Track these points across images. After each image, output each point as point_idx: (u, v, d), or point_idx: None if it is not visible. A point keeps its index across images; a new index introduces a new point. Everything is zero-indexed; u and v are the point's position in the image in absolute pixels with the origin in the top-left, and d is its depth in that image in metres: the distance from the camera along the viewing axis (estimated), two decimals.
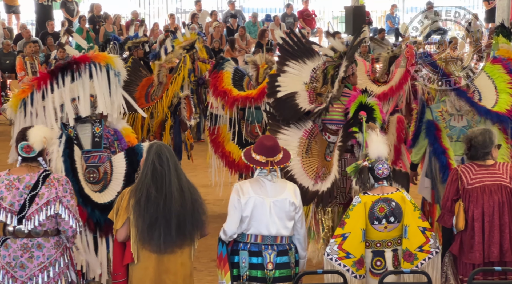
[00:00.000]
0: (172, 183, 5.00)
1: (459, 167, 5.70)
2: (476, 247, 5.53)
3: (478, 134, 5.64)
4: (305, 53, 7.04)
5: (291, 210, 5.44)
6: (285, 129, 6.81)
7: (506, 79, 6.72)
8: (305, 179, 6.58)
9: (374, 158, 5.58)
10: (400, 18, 23.37)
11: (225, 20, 20.87)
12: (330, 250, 5.48)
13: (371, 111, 6.55)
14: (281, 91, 6.90)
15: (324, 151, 6.84)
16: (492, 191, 5.55)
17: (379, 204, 5.46)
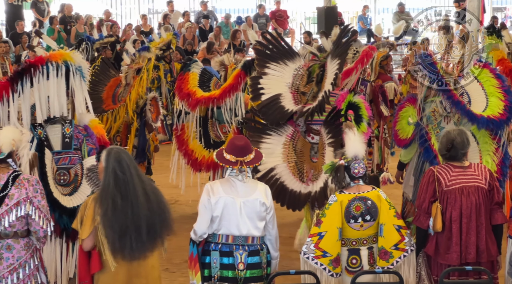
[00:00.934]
0: (137, 189, 4.90)
1: (435, 168, 5.70)
2: (453, 249, 5.55)
3: (457, 135, 5.64)
4: (285, 54, 7.04)
5: (262, 210, 5.44)
6: (267, 138, 6.81)
7: (494, 83, 6.76)
8: (295, 183, 6.59)
9: (351, 157, 5.58)
10: (372, 19, 23.47)
11: (197, 20, 20.82)
12: (307, 249, 5.47)
13: (358, 109, 6.58)
14: (265, 94, 6.88)
15: (309, 153, 6.85)
16: (470, 192, 5.57)
17: (355, 203, 5.46)
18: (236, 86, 8.40)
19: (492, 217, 5.62)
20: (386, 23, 24.40)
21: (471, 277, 5.57)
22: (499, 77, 6.83)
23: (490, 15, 21.60)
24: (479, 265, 5.53)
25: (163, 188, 10.52)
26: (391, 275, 5.43)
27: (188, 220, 9.05)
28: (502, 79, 6.83)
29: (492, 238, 5.61)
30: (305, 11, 24.69)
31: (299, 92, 6.92)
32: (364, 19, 22.21)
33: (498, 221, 5.63)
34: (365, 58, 7.41)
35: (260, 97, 6.88)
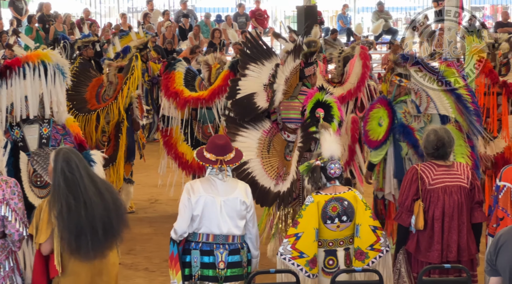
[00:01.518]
0: (88, 188, 4.86)
1: (418, 166, 5.70)
2: (435, 247, 5.57)
3: (444, 133, 5.64)
4: (262, 54, 7.05)
5: (242, 209, 5.44)
6: (243, 131, 6.81)
7: (461, 83, 6.79)
8: (266, 180, 6.59)
9: (327, 157, 5.58)
10: (352, 18, 23.54)
11: (177, 19, 20.78)
12: (284, 249, 5.47)
13: (329, 108, 6.58)
14: (241, 94, 6.90)
15: (284, 151, 6.86)
16: (453, 191, 5.57)
17: (331, 203, 5.47)
18: (225, 88, 8.38)
19: (472, 215, 5.64)
20: (366, 22, 24.50)
21: (451, 275, 5.60)
22: (463, 77, 6.86)
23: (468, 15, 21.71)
24: (459, 264, 5.55)
25: (143, 187, 10.67)
26: (367, 274, 5.45)
27: (168, 219, 9.05)
28: (465, 78, 6.85)
29: (472, 236, 5.64)
30: (284, 10, 24.74)
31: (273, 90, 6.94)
32: (344, 18, 22.27)
33: (478, 219, 5.66)
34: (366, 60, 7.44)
35: (234, 97, 6.92)
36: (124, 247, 7.85)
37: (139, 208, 9.76)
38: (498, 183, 5.51)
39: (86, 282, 4.99)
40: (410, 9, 26.06)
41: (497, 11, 23.88)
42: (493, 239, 4.13)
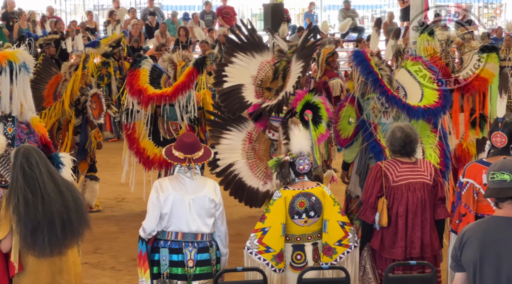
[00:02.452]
0: (47, 185, 4.84)
1: (382, 163, 5.74)
2: (398, 243, 5.61)
3: (409, 130, 5.69)
4: (254, 46, 7.03)
5: (211, 207, 5.45)
6: (227, 133, 6.81)
7: (427, 74, 6.82)
8: (254, 180, 6.60)
9: (296, 153, 5.60)
10: (318, 15, 23.60)
11: (143, 17, 20.68)
12: (250, 244, 5.47)
13: (317, 109, 6.60)
14: (228, 82, 6.87)
15: (269, 150, 6.86)
16: (416, 188, 5.62)
17: (299, 199, 5.48)
18: (189, 84, 8.39)
19: (435, 212, 5.70)
20: (332, 20, 24.58)
21: (415, 271, 5.65)
22: (432, 68, 6.89)
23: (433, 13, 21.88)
24: (423, 260, 5.60)
25: (110, 186, 10.62)
26: (336, 271, 5.48)
27: (135, 217, 9.04)
28: (434, 70, 6.87)
29: (435, 232, 5.69)
30: (251, 7, 24.72)
31: (263, 87, 6.94)
32: (310, 16, 22.32)
33: (441, 216, 5.72)
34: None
35: (222, 84, 6.87)
36: (91, 246, 7.83)
37: (105, 207, 9.71)
38: (461, 180, 5.57)
39: (47, 281, 4.95)
40: (376, 7, 26.20)
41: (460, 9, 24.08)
42: (458, 235, 4.18)
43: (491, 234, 3.99)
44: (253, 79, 6.88)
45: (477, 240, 4.00)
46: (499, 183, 3.96)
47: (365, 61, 6.57)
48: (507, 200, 3.97)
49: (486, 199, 5.40)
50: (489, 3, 25.71)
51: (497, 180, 3.97)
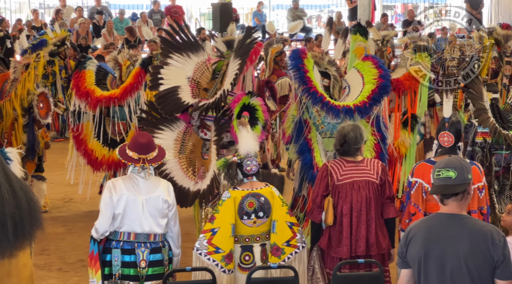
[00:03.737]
0: (1, 185, 4.78)
1: (328, 163, 5.77)
2: (344, 242, 5.64)
3: (350, 131, 5.72)
4: (190, 47, 7.01)
5: (164, 208, 5.44)
6: (159, 132, 6.76)
7: (374, 73, 6.86)
8: (185, 180, 6.56)
9: (243, 154, 5.61)
10: (267, 15, 23.65)
11: (91, 16, 20.48)
12: (200, 244, 5.47)
13: (254, 111, 6.61)
14: (164, 84, 6.84)
15: (201, 150, 6.84)
16: (361, 187, 5.66)
17: (248, 199, 5.49)
18: (137, 85, 8.35)
19: (384, 211, 5.74)
20: (281, 19, 24.67)
21: (362, 270, 5.68)
22: (381, 67, 6.92)
23: (380, 13, 22.12)
24: (369, 258, 5.65)
25: (57, 186, 10.49)
26: (284, 271, 5.49)
27: (82, 218, 8.95)
28: (383, 68, 6.88)
29: (383, 231, 5.73)
30: (200, 7, 24.67)
31: (199, 87, 6.92)
32: (259, 15, 22.36)
33: (390, 215, 5.75)
34: (253, 55, 7.47)
35: (158, 87, 6.84)
36: (37, 247, 7.71)
37: (52, 207, 9.59)
38: (410, 179, 5.62)
39: None
40: (324, 6, 26.36)
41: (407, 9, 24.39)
42: (404, 232, 4.23)
43: (435, 231, 4.03)
44: (189, 80, 6.88)
45: (422, 236, 4.04)
46: (444, 180, 4.00)
47: (298, 58, 6.59)
48: (452, 196, 4.01)
49: (434, 198, 5.45)
50: (434, 3, 26.06)
51: (442, 177, 4.01)
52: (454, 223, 4.01)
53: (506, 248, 3.93)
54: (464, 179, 4.00)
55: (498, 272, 3.90)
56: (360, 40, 8.11)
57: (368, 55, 7.17)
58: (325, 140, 6.69)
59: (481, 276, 3.91)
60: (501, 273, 3.90)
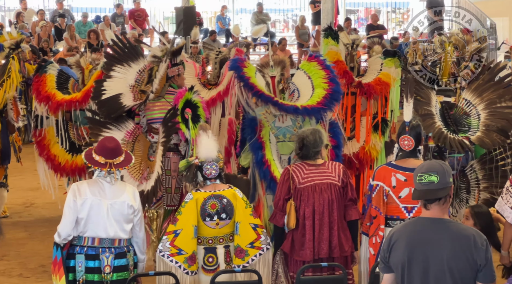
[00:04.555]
0: None
1: (290, 167, 5.78)
2: (307, 245, 5.65)
3: (309, 134, 5.75)
4: (129, 56, 7.09)
5: (129, 213, 5.40)
6: (106, 132, 6.77)
7: (321, 75, 6.88)
8: (130, 180, 6.56)
9: (203, 158, 5.61)
10: (231, 19, 23.65)
11: (52, 19, 20.31)
12: (162, 246, 5.46)
13: (196, 108, 6.63)
14: (106, 94, 6.89)
15: (147, 151, 6.87)
16: (322, 189, 5.68)
17: (210, 201, 5.49)
18: None
19: (346, 213, 5.76)
20: (245, 23, 24.68)
21: (325, 273, 5.70)
22: (327, 68, 6.95)
23: (344, 17, 22.25)
24: (332, 260, 5.66)
25: (18, 191, 10.39)
26: (248, 273, 5.49)
27: (44, 223, 8.87)
28: (330, 69, 6.93)
29: (346, 234, 5.75)
30: (163, 10, 24.60)
31: (140, 92, 6.98)
32: (223, 19, 22.35)
33: (352, 217, 5.78)
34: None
35: (100, 98, 6.93)
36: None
37: (13, 212, 9.50)
38: (371, 182, 5.65)
39: None
40: (288, 11, 26.44)
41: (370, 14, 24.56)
42: (386, 236, 4.23)
43: (418, 235, 4.05)
44: (131, 88, 6.98)
45: (405, 241, 4.05)
46: (427, 185, 4.01)
47: (237, 67, 6.64)
48: (435, 201, 4.04)
49: (395, 201, 5.51)
50: (397, 8, 26.28)
51: (425, 181, 4.01)
52: (437, 227, 4.02)
53: (488, 252, 3.97)
54: (446, 183, 4.02)
55: (481, 275, 3.93)
56: (332, 44, 8.15)
57: (312, 54, 7.21)
58: (280, 144, 6.72)
59: (464, 280, 3.94)
60: (483, 277, 3.93)
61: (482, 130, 6.69)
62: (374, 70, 8.37)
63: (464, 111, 6.99)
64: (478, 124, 6.81)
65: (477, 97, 6.97)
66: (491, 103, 6.89)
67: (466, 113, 7.01)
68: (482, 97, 6.95)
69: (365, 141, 8.18)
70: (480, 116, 6.86)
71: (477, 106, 6.94)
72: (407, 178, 5.48)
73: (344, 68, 7.98)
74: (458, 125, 6.79)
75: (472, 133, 6.73)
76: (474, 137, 6.60)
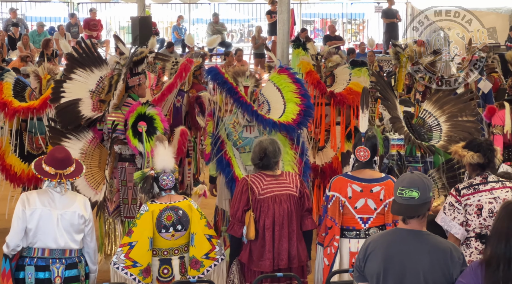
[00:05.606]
0: None
1: (248, 177, 5.79)
2: (266, 256, 5.65)
3: (269, 144, 5.76)
4: (93, 62, 7.02)
5: (80, 223, 5.36)
6: (65, 141, 6.74)
7: (292, 88, 6.89)
8: (87, 190, 6.52)
9: (160, 169, 5.58)
10: (187, 29, 23.62)
11: (6, 28, 20.09)
12: (117, 259, 5.41)
13: (152, 121, 6.60)
14: (65, 97, 6.82)
15: (106, 161, 6.81)
16: (282, 200, 5.69)
17: (166, 212, 5.46)
18: None
19: (302, 223, 5.78)
20: (201, 34, 24.67)
21: (282, 283, 5.71)
22: (298, 81, 6.97)
23: (299, 27, 22.36)
24: (290, 271, 5.67)
25: None
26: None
27: None
28: (300, 83, 6.96)
29: (302, 244, 5.77)
30: (119, 20, 24.48)
31: (100, 100, 6.93)
32: (179, 29, 22.31)
33: (308, 227, 5.79)
34: (184, 72, 7.47)
35: (59, 100, 6.86)
36: None
37: None
38: (327, 193, 5.67)
39: None
40: (244, 21, 26.50)
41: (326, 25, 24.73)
42: (362, 246, 4.21)
43: (396, 246, 4.05)
44: (91, 94, 6.90)
45: (382, 251, 4.06)
46: (407, 200, 4.01)
47: (219, 74, 6.62)
48: (414, 217, 4.04)
49: (351, 211, 5.53)
50: (352, 19, 26.50)
51: (405, 196, 4.01)
52: (414, 240, 4.03)
53: (464, 265, 4.00)
54: (426, 198, 4.03)
55: None
56: (302, 55, 8.17)
57: (283, 66, 7.22)
58: (244, 155, 6.70)
59: None
60: None
61: (445, 140, 6.75)
62: (343, 80, 8.41)
63: (423, 122, 7.04)
64: (440, 135, 6.86)
65: (438, 110, 7.03)
66: (452, 116, 6.96)
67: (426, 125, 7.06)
68: (443, 110, 7.01)
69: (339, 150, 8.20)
70: (442, 128, 6.92)
71: (438, 118, 7.00)
72: (363, 188, 5.51)
73: (318, 79, 8.01)
74: (419, 135, 6.85)
75: (434, 143, 6.79)
76: (438, 145, 6.65)
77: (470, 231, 5.33)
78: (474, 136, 6.57)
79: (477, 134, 6.74)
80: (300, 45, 8.26)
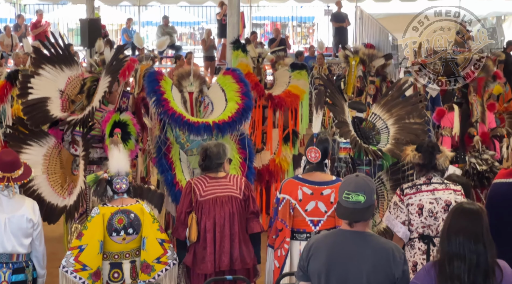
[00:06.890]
0: None
1: (192, 180, 5.81)
2: (208, 258, 5.68)
3: (212, 146, 5.78)
4: (63, 60, 6.90)
5: (28, 227, 5.33)
6: (27, 148, 6.64)
7: (235, 88, 6.89)
8: (53, 196, 6.44)
9: (114, 172, 5.54)
10: (137, 31, 23.49)
11: None
12: (66, 262, 5.36)
13: (125, 126, 6.56)
14: (33, 94, 6.67)
15: (71, 165, 6.74)
16: (224, 202, 5.72)
17: (117, 216, 5.43)
18: (2, 98, 8.07)
19: (248, 226, 5.81)
20: (151, 36, 24.56)
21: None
22: (242, 81, 6.95)
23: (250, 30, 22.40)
24: (234, 273, 5.70)
25: None
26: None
27: None
28: (244, 83, 6.93)
29: (248, 246, 5.79)
30: (68, 22, 24.25)
31: (69, 100, 6.81)
32: (129, 31, 22.17)
33: (254, 229, 5.82)
34: (127, 71, 7.41)
35: (27, 96, 6.69)
36: None
37: None
38: (278, 196, 5.69)
39: None
40: (195, 23, 26.46)
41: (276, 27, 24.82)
42: (305, 245, 4.23)
43: (339, 247, 4.09)
44: (60, 93, 6.77)
45: (325, 252, 4.08)
46: (353, 204, 4.04)
47: (154, 81, 6.58)
48: (360, 221, 4.06)
49: (301, 214, 5.56)
50: (302, 22, 26.64)
51: (351, 200, 4.04)
52: (357, 241, 4.07)
53: (406, 264, 4.05)
54: (371, 201, 4.07)
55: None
56: (242, 57, 8.18)
57: (229, 68, 7.22)
58: (192, 158, 6.68)
59: None
60: None
61: (392, 143, 6.82)
62: (283, 82, 8.44)
63: (373, 125, 7.11)
64: (387, 138, 6.94)
65: (386, 112, 7.11)
66: (400, 119, 7.05)
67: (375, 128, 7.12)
68: (391, 112, 7.09)
69: (276, 153, 8.22)
70: (390, 131, 7.00)
71: (386, 121, 7.07)
72: (313, 191, 5.54)
73: (255, 81, 8.02)
74: (367, 139, 6.90)
75: (382, 146, 6.85)
76: (386, 148, 6.72)
77: (413, 231, 5.47)
78: (420, 138, 6.68)
79: (423, 136, 6.86)
80: (239, 47, 8.28)
